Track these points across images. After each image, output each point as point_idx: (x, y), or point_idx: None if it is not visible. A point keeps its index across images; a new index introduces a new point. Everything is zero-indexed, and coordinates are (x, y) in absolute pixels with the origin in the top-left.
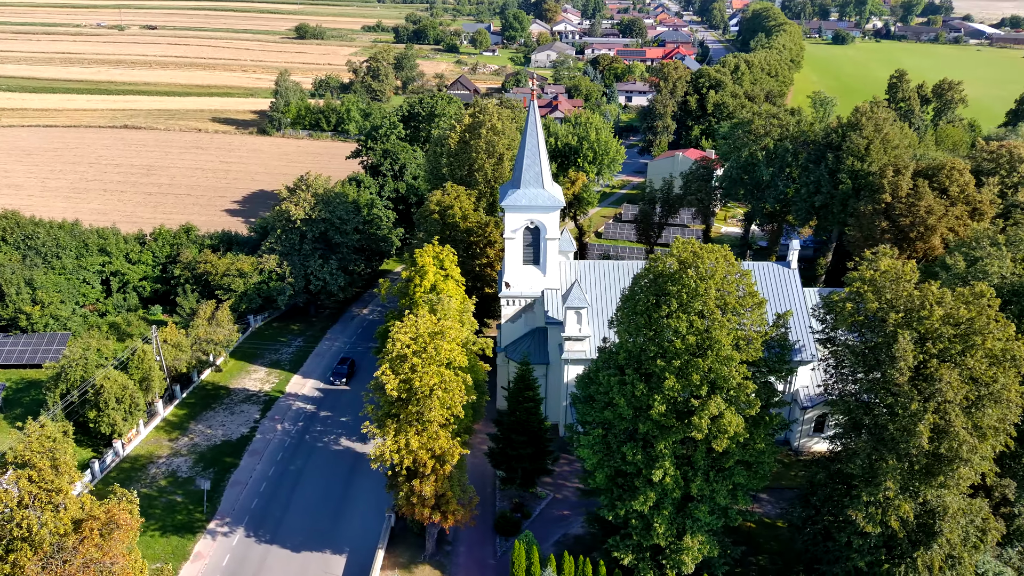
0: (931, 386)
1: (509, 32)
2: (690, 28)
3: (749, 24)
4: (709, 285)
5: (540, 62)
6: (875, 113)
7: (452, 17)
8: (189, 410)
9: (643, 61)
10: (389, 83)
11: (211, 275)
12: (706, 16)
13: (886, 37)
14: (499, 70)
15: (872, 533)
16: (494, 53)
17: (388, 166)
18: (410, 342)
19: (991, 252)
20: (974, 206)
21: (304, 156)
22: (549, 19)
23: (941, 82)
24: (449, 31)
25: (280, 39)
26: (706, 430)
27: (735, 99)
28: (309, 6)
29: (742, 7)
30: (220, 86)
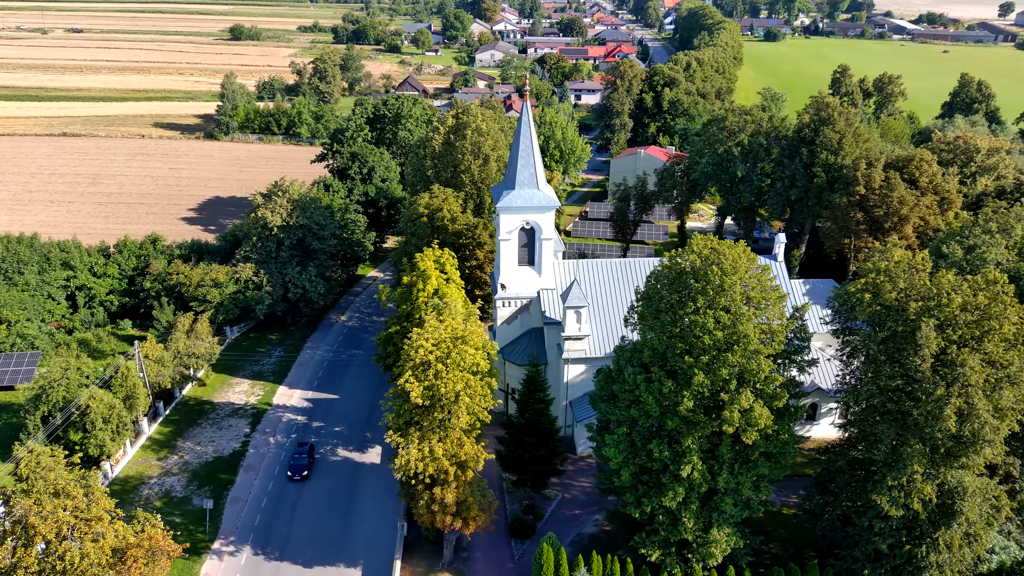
0: (952, 371)
1: (450, 32)
2: (628, 27)
3: (686, 23)
4: (734, 280)
5: (484, 61)
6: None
7: (389, 17)
8: (174, 427)
9: (586, 59)
10: (337, 84)
11: (185, 286)
12: (641, 15)
13: (815, 33)
14: (444, 70)
15: (894, 516)
16: (437, 53)
17: (357, 169)
18: (432, 348)
19: (986, 240)
20: (942, 196)
21: (256, 161)
22: (488, 18)
23: (881, 76)
24: (389, 31)
25: (214, 40)
26: (737, 423)
27: (689, 96)
28: (239, 6)
29: (674, 5)
30: (158, 90)
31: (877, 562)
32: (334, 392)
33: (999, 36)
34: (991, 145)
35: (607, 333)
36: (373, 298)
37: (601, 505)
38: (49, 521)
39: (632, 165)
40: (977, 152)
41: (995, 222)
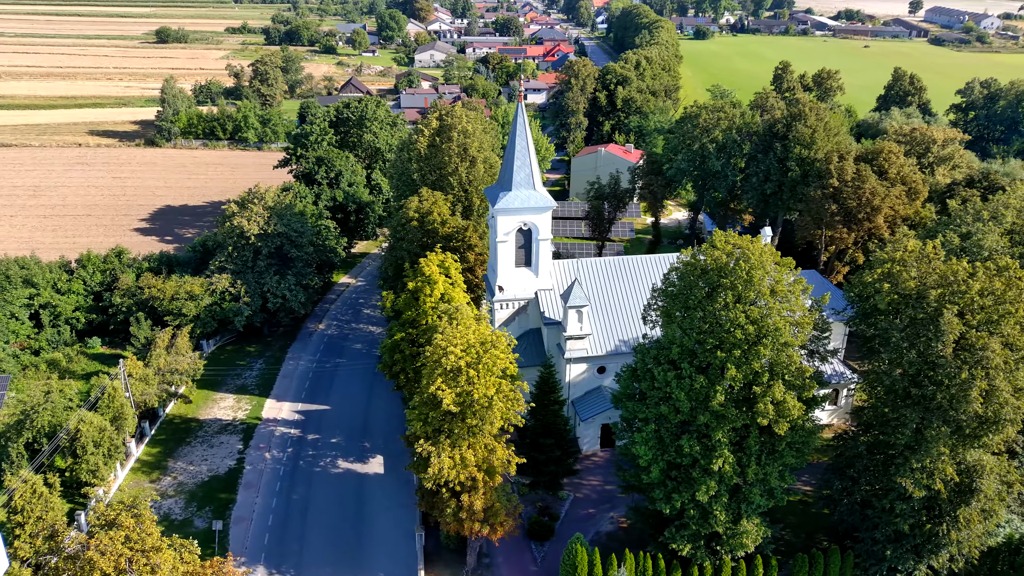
0: (974, 355)
1: (386, 32)
2: (562, 26)
3: (619, 22)
4: (763, 275)
5: (424, 62)
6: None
7: (319, 17)
8: (163, 447)
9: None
10: (278, 87)
11: (158, 300)
12: (572, 14)
13: (741, 31)
14: (385, 71)
15: (916, 496)
16: (374, 54)
17: (323, 174)
18: (462, 354)
19: (980, 228)
20: (910, 186)
21: (203, 167)
22: (423, 18)
23: (820, 72)
24: (323, 32)
25: (140, 44)
26: (772, 415)
27: (641, 94)
28: (160, 8)
29: (604, 5)
30: (88, 96)
31: (897, 543)
32: (324, 403)
33: (912, 32)
34: (946, 136)
35: (607, 331)
36: (399, 305)
37: (613, 503)
38: (109, 555)
39: (593, 163)
40: (933, 143)
41: (987, 210)
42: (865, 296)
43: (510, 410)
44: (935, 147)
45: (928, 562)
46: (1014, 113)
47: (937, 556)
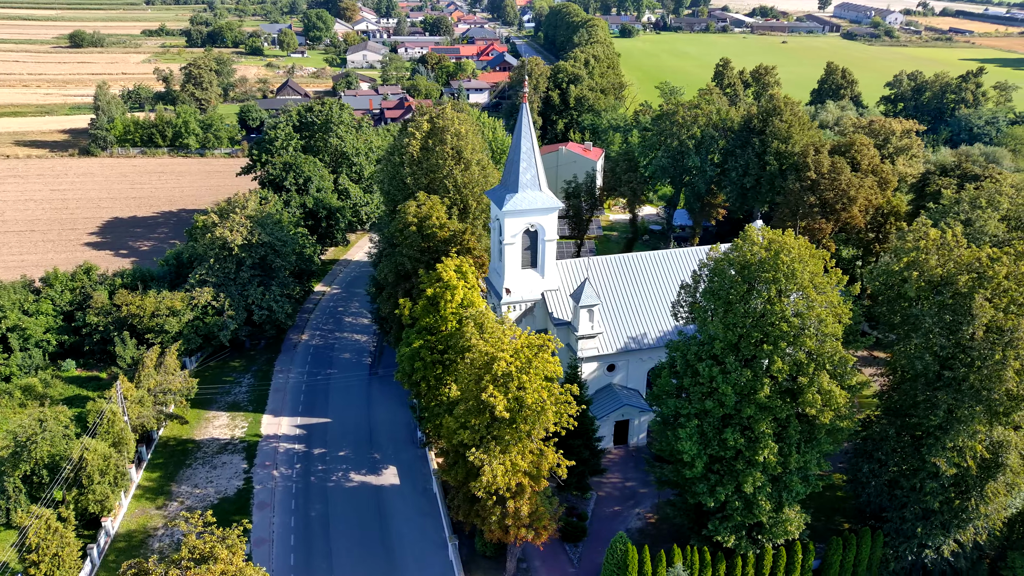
0: (1003, 337)
1: (314, 32)
2: (490, 25)
3: (549, 20)
4: (803, 267)
5: (357, 62)
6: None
7: (238, 18)
8: (163, 471)
9: (460, 58)
10: (213, 91)
11: (137, 318)
12: (497, 13)
13: (664, 29)
14: (318, 72)
15: (947, 474)
16: (303, 55)
17: (292, 180)
18: (511, 359)
19: (979, 215)
20: (881, 177)
21: (146, 176)
22: (349, 18)
23: (758, 67)
24: (247, 33)
25: (53, 48)
26: (819, 404)
27: (592, 92)
28: (68, 11)
29: (528, 3)
30: (4, 105)
31: (927, 520)
32: (324, 416)
33: (825, 27)
34: (904, 127)
35: (616, 329)
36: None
37: (637, 499)
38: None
39: (555, 162)
40: (893, 134)
41: (983, 197)
42: (890, 284)
43: (562, 413)
44: (894, 138)
45: (955, 536)
46: (940, 104)
47: (964, 530)
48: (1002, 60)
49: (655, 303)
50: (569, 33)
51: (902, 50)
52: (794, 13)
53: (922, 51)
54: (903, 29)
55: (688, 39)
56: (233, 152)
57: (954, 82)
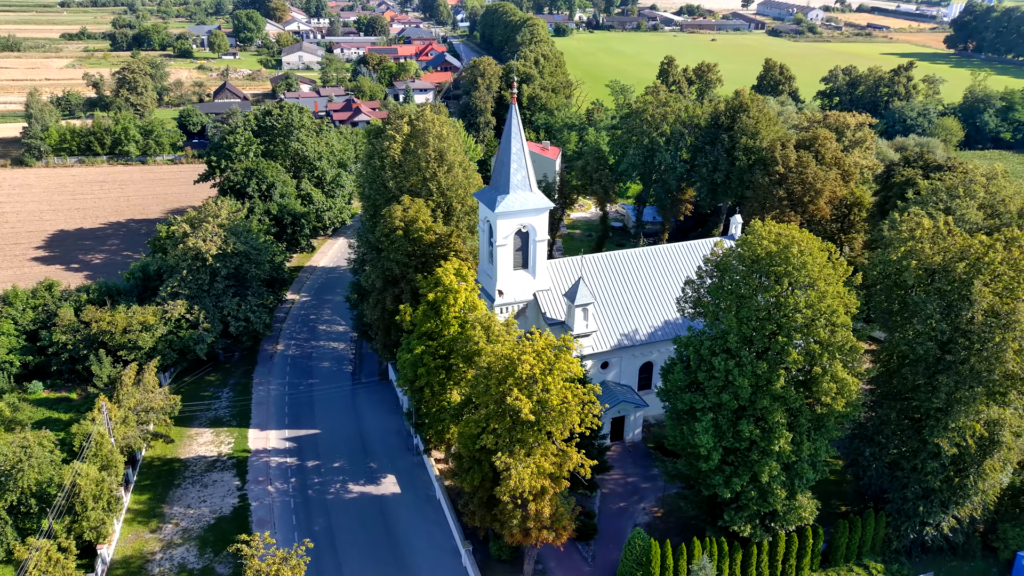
0: (1000, 320)
1: (244, 33)
2: (425, 24)
3: (486, 20)
4: (813, 260)
5: (293, 64)
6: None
7: (162, 20)
8: (152, 493)
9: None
10: (149, 95)
11: (109, 334)
12: (430, 12)
13: (596, 28)
14: (254, 74)
15: (948, 454)
16: (235, 56)
17: (255, 186)
18: (535, 361)
19: (958, 204)
20: (844, 169)
21: (88, 187)
22: (279, 18)
23: (700, 65)
24: (174, 35)
25: None
26: (834, 393)
27: (545, 92)
28: None
29: (459, 2)
30: None
31: (927, 499)
32: (312, 427)
33: (751, 24)
34: (858, 120)
35: (609, 327)
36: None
37: (640, 494)
38: None
39: None
40: (847, 128)
41: (961, 186)
42: (887, 273)
43: (588, 413)
44: (848, 132)
45: (954, 513)
46: (874, 97)
47: (963, 506)
48: (919, 55)
49: (646, 299)
50: (507, 33)
51: (826, 46)
52: (720, 11)
53: (845, 46)
54: (824, 25)
55: (621, 37)
56: (176, 158)
57: (887, 76)
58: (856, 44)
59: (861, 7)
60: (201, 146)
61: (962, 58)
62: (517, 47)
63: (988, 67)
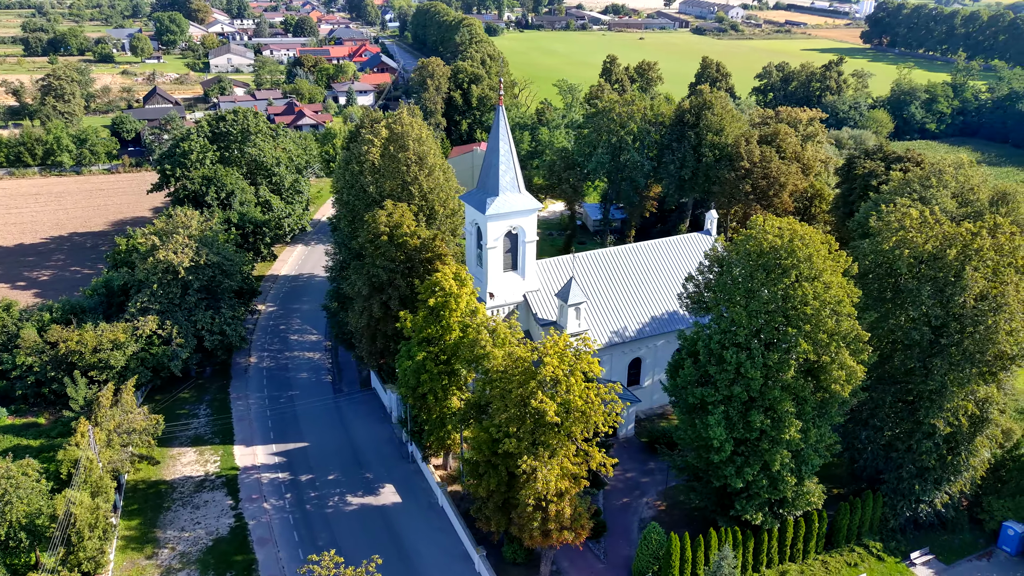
0: (989, 303)
1: (167, 36)
2: (355, 25)
3: (418, 20)
4: (816, 252)
5: (222, 67)
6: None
7: (76, 23)
8: (142, 517)
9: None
10: (77, 103)
11: (78, 354)
12: (357, 12)
13: (526, 27)
14: (182, 78)
15: (942, 433)
16: (160, 60)
17: (213, 195)
18: (558, 362)
19: (933, 193)
20: (804, 163)
21: (21, 200)
22: (201, 20)
23: (641, 63)
24: (93, 39)
25: None
26: (843, 380)
27: (494, 92)
28: None
29: (385, 2)
30: None
31: (922, 477)
32: (299, 440)
33: (676, 23)
34: (809, 115)
35: (600, 325)
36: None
37: (642, 489)
38: None
39: (470, 162)
40: (799, 122)
41: (933, 176)
42: (879, 263)
43: (611, 412)
44: (800, 126)
45: (946, 489)
46: (807, 92)
47: (955, 482)
48: (838, 50)
49: (634, 296)
50: (441, 33)
51: (749, 43)
52: (644, 10)
53: (767, 43)
54: (745, 23)
55: (552, 37)
56: (113, 168)
57: (818, 72)
58: (777, 41)
59: (778, 4)
60: (138, 154)
61: (878, 52)
62: (456, 47)
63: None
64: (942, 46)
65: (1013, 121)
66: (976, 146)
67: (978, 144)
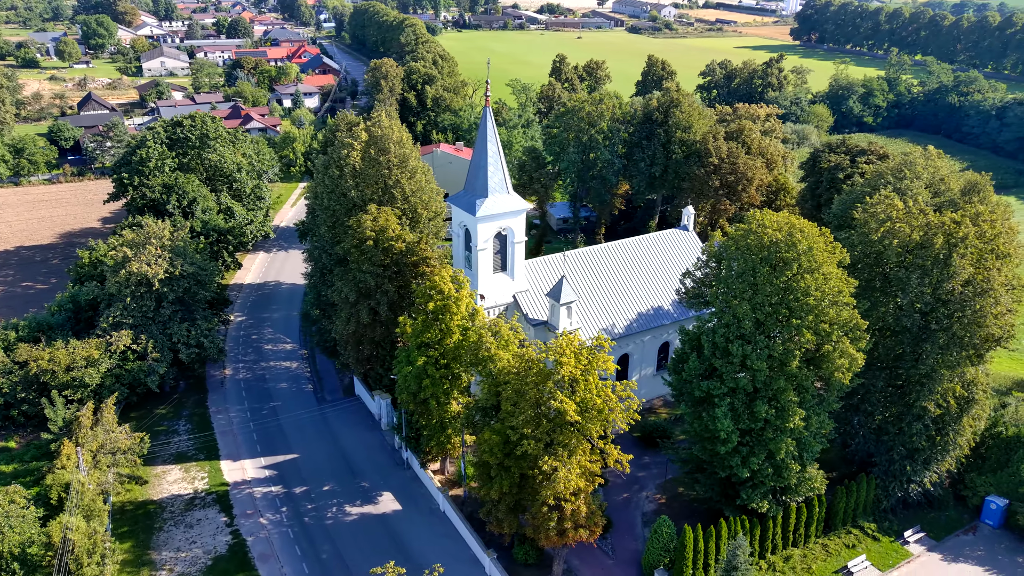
0: (975, 288)
1: (95, 40)
2: (290, 25)
3: (356, 20)
4: (816, 244)
5: (155, 70)
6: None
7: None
8: (134, 539)
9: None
10: (7, 110)
11: (51, 373)
12: (290, 13)
13: (464, 27)
14: (115, 83)
15: (931, 415)
16: (89, 64)
17: (175, 203)
18: (575, 362)
19: (908, 185)
20: (767, 157)
21: None
22: (129, 23)
23: (589, 62)
24: (14, 43)
25: None
26: (845, 368)
27: (448, 92)
28: None
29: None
30: None
31: (912, 458)
32: (288, 452)
33: (612, 22)
34: (767, 112)
35: (590, 322)
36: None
37: (640, 484)
38: None
39: (430, 163)
40: (757, 118)
41: (907, 168)
42: (868, 253)
43: (629, 409)
44: (758, 122)
45: (935, 468)
46: (749, 89)
47: (943, 461)
48: (769, 47)
49: (621, 293)
50: (382, 33)
51: (683, 41)
52: (579, 10)
53: (701, 41)
54: (678, 22)
55: (490, 36)
56: (53, 178)
57: (760, 68)
58: (710, 39)
59: (707, 3)
60: (80, 162)
61: (808, 49)
62: (402, 48)
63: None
64: (868, 42)
65: (944, 113)
66: (911, 137)
67: (912, 135)
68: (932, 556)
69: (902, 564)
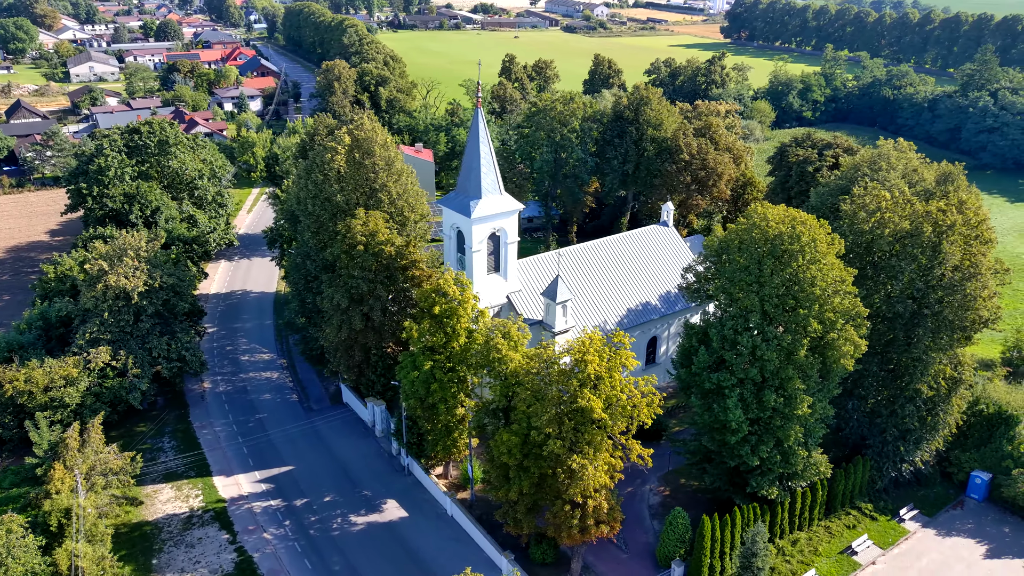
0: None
1: (15, 44)
2: (220, 27)
3: (290, 21)
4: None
5: (84, 76)
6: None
7: None
8: (135, 563)
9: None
10: None
11: (28, 394)
12: (217, 14)
13: (399, 27)
14: (42, 89)
15: (923, 396)
16: (9, 71)
17: (138, 212)
18: (599, 360)
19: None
20: (734, 152)
21: None
22: (49, 26)
23: (538, 62)
24: None
25: None
26: (850, 355)
27: (401, 93)
28: None
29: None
30: None
31: (904, 439)
32: (282, 464)
33: (547, 22)
34: (728, 108)
35: (583, 319)
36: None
37: (643, 477)
38: None
39: None
40: (718, 114)
41: (882, 160)
42: (859, 243)
43: (652, 404)
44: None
45: (925, 448)
46: (694, 86)
47: (933, 440)
48: (701, 45)
49: (612, 290)
50: (319, 35)
51: (618, 40)
52: (512, 9)
53: (635, 40)
54: (611, 21)
55: (427, 36)
56: None
57: (703, 66)
58: (644, 38)
59: (637, 2)
60: (17, 173)
61: (739, 46)
62: (345, 49)
63: (764, 55)
64: (796, 38)
65: (878, 106)
66: (848, 130)
67: (850, 128)
68: (927, 532)
69: (901, 541)
